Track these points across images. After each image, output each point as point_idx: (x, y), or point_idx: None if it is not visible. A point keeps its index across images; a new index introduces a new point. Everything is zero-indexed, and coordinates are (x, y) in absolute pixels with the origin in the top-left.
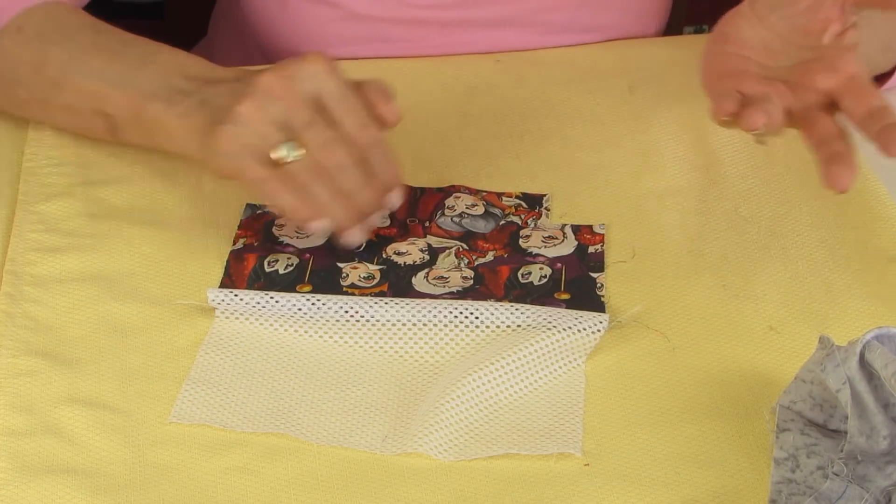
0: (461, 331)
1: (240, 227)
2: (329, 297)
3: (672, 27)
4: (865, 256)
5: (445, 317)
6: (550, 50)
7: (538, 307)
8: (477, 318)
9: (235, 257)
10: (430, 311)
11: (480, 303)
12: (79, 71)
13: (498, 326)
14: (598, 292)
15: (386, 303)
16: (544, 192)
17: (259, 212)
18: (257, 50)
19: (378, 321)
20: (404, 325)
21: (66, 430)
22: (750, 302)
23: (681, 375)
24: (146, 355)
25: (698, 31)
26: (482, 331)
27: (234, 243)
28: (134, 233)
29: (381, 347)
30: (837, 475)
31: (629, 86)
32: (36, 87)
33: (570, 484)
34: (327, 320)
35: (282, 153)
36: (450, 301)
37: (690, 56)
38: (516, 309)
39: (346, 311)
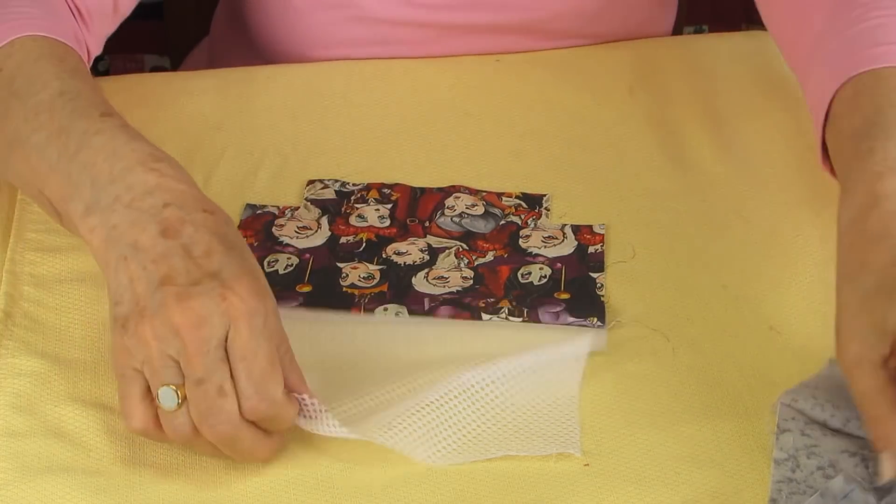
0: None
1: (240, 227)
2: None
3: (672, 27)
4: None
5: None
6: (551, 51)
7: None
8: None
9: None
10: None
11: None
12: (27, 140)
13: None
14: (598, 292)
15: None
16: (544, 193)
17: (259, 211)
18: (258, 51)
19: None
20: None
21: (66, 430)
22: (750, 302)
23: (681, 375)
24: None
25: (698, 31)
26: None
27: None
28: None
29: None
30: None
31: (629, 86)
32: None
33: (570, 484)
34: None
35: (164, 401)
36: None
37: (690, 56)
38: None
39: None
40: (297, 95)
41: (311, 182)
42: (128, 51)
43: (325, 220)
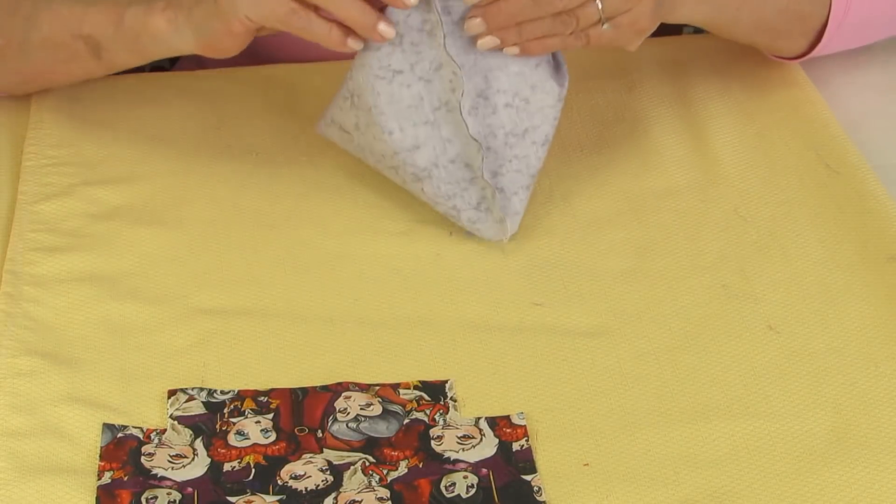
0: None
1: (101, 458)
2: None
3: (672, 27)
4: (865, 256)
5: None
6: None
7: None
8: None
9: (106, 494)
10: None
11: None
12: (49, 1)
13: None
14: (538, 498)
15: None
16: (445, 378)
17: (120, 435)
18: (256, 50)
19: None
20: None
21: (66, 430)
22: (749, 302)
23: (681, 375)
24: (146, 355)
25: (698, 32)
26: None
27: (100, 477)
28: (134, 233)
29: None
30: None
31: (629, 86)
32: (11, 29)
33: (570, 484)
34: None
35: None
36: None
37: (690, 56)
38: None
39: None
40: (296, 95)
41: (172, 392)
42: None
43: (199, 444)
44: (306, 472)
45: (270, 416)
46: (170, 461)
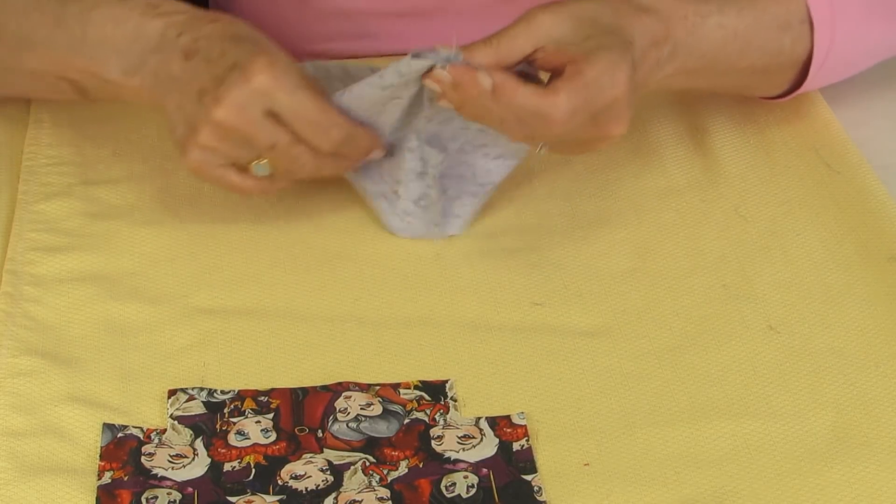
0: None
1: (101, 458)
2: None
3: None
4: (865, 256)
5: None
6: None
7: None
8: None
9: (106, 494)
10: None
11: None
12: (31, 38)
13: None
14: (538, 498)
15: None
16: (446, 378)
17: (120, 435)
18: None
19: None
20: None
21: (66, 430)
22: (750, 302)
23: (681, 375)
24: (146, 355)
25: None
26: None
27: (100, 477)
28: (134, 233)
29: None
30: None
31: None
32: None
33: (571, 484)
34: None
35: (259, 171)
36: None
37: None
38: None
39: None
40: None
41: (172, 392)
42: None
43: (200, 444)
44: (306, 472)
45: (271, 415)
46: (170, 461)
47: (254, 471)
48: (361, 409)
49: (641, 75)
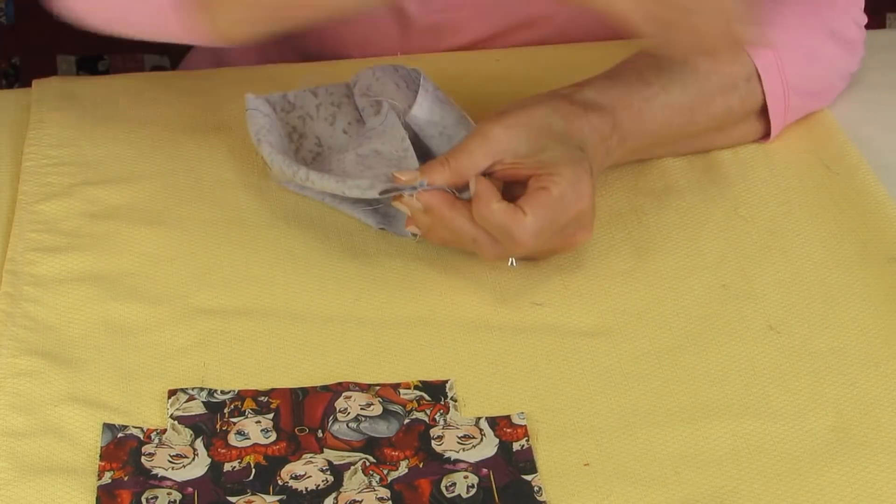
0: None
1: (102, 458)
2: None
3: None
4: (865, 256)
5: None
6: (551, 49)
7: None
8: None
9: (106, 494)
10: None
11: None
12: None
13: None
14: (538, 498)
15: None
16: (446, 378)
17: (120, 435)
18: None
19: None
20: None
21: (66, 430)
22: (750, 302)
23: (681, 375)
24: (146, 355)
25: None
26: None
27: (100, 477)
28: (134, 233)
29: None
30: None
31: None
32: None
33: (571, 484)
34: None
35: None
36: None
37: None
38: None
39: None
40: None
41: (172, 392)
42: (128, 50)
43: (200, 444)
44: (306, 472)
45: (271, 416)
46: (170, 461)
47: (254, 471)
48: (361, 409)
49: (595, 170)
